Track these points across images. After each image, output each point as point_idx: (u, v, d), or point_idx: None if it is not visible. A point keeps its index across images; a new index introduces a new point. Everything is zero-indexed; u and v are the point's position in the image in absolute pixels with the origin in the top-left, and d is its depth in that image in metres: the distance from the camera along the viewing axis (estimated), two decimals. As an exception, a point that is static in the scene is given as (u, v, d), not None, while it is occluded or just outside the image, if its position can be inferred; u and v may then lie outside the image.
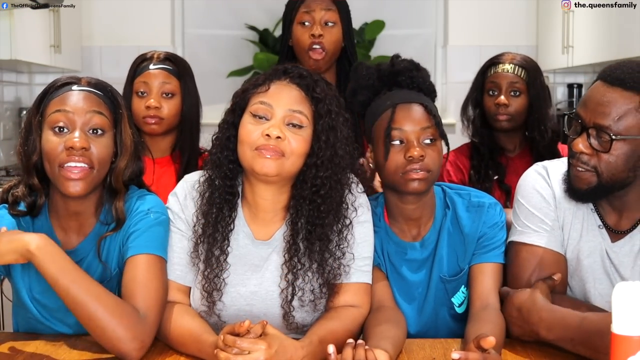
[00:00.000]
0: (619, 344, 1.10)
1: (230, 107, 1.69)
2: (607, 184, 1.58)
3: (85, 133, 1.58)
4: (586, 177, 1.58)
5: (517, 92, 2.54)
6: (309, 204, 1.64)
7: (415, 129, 1.70)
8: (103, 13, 4.67)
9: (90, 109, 1.59)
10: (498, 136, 2.61)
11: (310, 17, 2.41)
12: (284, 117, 1.61)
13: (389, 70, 1.80)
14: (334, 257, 1.65)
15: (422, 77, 1.80)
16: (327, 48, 2.40)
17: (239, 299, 1.66)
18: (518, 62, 2.57)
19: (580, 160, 1.58)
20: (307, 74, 1.67)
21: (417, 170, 1.69)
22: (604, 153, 1.55)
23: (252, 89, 1.66)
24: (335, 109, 1.66)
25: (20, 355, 1.56)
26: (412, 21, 4.92)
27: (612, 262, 1.66)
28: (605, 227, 1.67)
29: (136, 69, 2.33)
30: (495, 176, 2.57)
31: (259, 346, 1.41)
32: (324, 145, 1.63)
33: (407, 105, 1.73)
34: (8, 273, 1.68)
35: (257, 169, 1.59)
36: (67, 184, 1.56)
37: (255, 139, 1.60)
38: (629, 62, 1.59)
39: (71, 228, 1.66)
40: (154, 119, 2.28)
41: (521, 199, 1.75)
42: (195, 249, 1.66)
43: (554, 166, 1.75)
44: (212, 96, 3.19)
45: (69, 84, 1.63)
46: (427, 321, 1.82)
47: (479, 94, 2.61)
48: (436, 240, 1.79)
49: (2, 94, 4.25)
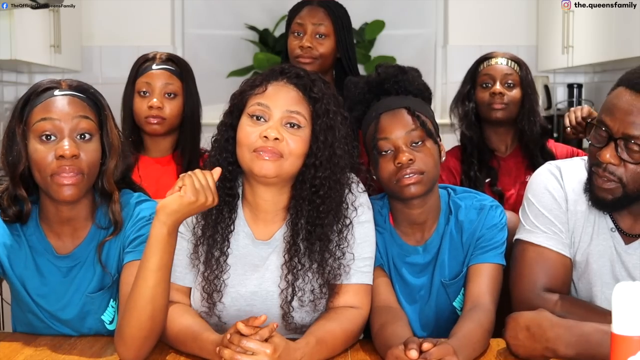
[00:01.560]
0: (619, 344, 1.10)
1: (228, 109, 1.68)
2: (633, 194, 1.55)
3: (73, 140, 1.55)
4: (611, 187, 1.55)
5: (512, 84, 2.57)
6: (309, 204, 1.64)
7: (401, 134, 1.70)
8: (103, 13, 4.67)
9: (76, 114, 1.57)
10: (489, 135, 2.61)
11: (302, 29, 2.48)
12: (282, 118, 1.61)
13: (376, 80, 1.80)
14: (334, 257, 1.64)
15: (408, 79, 1.79)
16: (315, 60, 2.45)
17: (239, 300, 1.66)
18: (510, 56, 2.62)
19: (608, 170, 1.54)
20: (304, 74, 1.66)
21: (409, 175, 1.68)
22: (632, 164, 1.52)
23: (249, 90, 1.65)
24: (333, 108, 1.65)
25: (20, 355, 1.56)
26: (412, 21, 4.92)
27: (624, 266, 1.65)
28: (619, 230, 1.66)
29: (138, 69, 2.34)
30: (487, 179, 2.57)
31: (264, 349, 1.41)
32: (322, 145, 1.63)
33: (390, 112, 1.73)
34: (3, 271, 1.67)
35: (256, 170, 1.59)
36: (59, 190, 1.54)
37: (254, 141, 1.59)
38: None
39: (65, 233, 1.66)
40: (156, 119, 2.29)
41: (532, 197, 1.72)
42: (195, 251, 1.66)
43: (567, 167, 1.72)
44: (212, 96, 3.19)
45: (50, 89, 1.59)
46: (428, 323, 1.82)
47: (472, 89, 2.62)
48: (439, 244, 1.79)
49: (2, 94, 4.25)
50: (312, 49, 2.45)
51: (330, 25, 2.48)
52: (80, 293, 1.66)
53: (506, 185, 2.59)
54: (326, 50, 2.47)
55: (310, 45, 2.45)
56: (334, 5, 2.55)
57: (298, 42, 2.47)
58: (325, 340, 1.55)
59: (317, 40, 2.47)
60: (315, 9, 2.50)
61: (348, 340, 1.62)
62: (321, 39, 2.47)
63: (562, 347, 1.48)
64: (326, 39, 2.47)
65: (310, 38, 2.46)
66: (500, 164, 2.60)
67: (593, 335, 1.46)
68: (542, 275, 1.66)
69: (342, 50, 2.50)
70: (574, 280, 1.71)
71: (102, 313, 1.68)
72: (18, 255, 1.65)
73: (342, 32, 2.50)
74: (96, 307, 1.67)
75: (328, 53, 2.48)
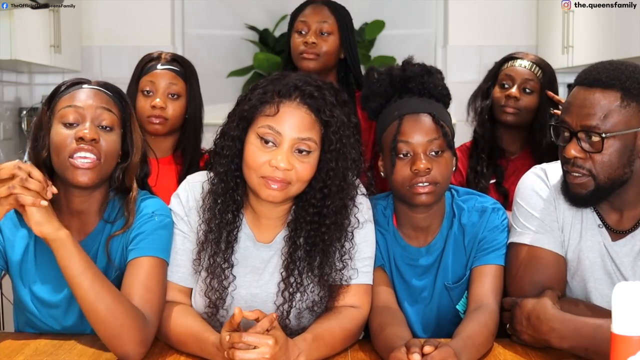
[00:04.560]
0: (619, 344, 1.10)
1: (235, 121, 1.61)
2: (605, 185, 1.58)
3: (95, 126, 1.59)
4: (583, 181, 1.59)
5: (530, 90, 2.50)
6: (310, 226, 1.62)
7: (422, 140, 1.68)
8: (103, 13, 4.67)
9: (99, 106, 1.61)
10: (501, 135, 2.58)
11: (306, 26, 2.48)
12: (292, 145, 1.56)
13: (400, 76, 1.76)
14: (336, 270, 1.64)
15: (433, 82, 1.75)
16: (320, 56, 2.44)
17: (240, 301, 1.66)
18: (536, 61, 2.55)
19: (575, 165, 1.58)
20: (319, 95, 1.59)
21: (423, 184, 1.67)
22: (596, 154, 1.55)
23: (260, 107, 1.59)
24: (346, 132, 1.61)
25: (20, 355, 1.56)
26: (412, 21, 4.92)
27: (613, 262, 1.66)
28: (606, 226, 1.67)
29: (143, 68, 2.34)
30: (493, 179, 2.56)
31: (266, 341, 1.40)
32: (333, 173, 1.59)
33: (414, 116, 1.70)
34: (7, 266, 1.68)
35: (263, 196, 1.58)
36: (76, 173, 1.57)
37: (262, 167, 1.56)
38: (601, 63, 1.61)
39: (73, 226, 1.66)
40: (158, 118, 2.29)
41: (520, 200, 1.75)
42: (197, 256, 1.65)
43: (552, 168, 1.75)
44: (212, 96, 3.20)
45: (80, 83, 1.65)
46: (429, 325, 1.82)
47: (491, 86, 2.57)
48: (442, 247, 1.79)
49: (2, 94, 4.24)
50: (316, 45, 2.44)
51: (335, 23, 2.48)
52: None
53: (512, 185, 2.58)
54: (330, 48, 2.46)
55: (314, 41, 2.44)
56: (337, 5, 2.55)
57: (302, 39, 2.46)
58: (324, 338, 1.55)
59: (321, 38, 2.46)
60: (319, 7, 2.50)
61: (347, 339, 1.62)
62: (325, 36, 2.46)
63: (557, 340, 1.53)
64: (330, 36, 2.47)
65: (314, 35, 2.45)
66: (508, 164, 2.58)
67: (586, 329, 1.49)
68: (537, 274, 1.67)
69: (347, 49, 2.50)
70: (567, 279, 1.72)
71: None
72: (25, 249, 1.66)
73: (345, 31, 2.50)
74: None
75: (332, 51, 2.47)
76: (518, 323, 1.60)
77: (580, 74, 1.63)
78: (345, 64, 2.53)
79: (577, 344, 1.50)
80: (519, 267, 1.70)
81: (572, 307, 1.61)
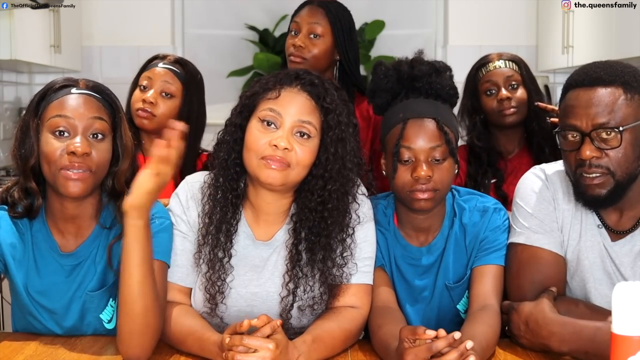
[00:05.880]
0: (619, 344, 1.10)
1: (238, 109, 1.66)
2: (623, 180, 1.58)
3: (86, 138, 1.57)
4: (602, 181, 1.58)
5: (515, 85, 2.53)
6: (314, 214, 1.63)
7: (425, 147, 1.67)
8: (103, 13, 4.67)
9: (91, 115, 1.58)
10: (498, 138, 2.59)
11: (298, 27, 2.47)
12: (293, 126, 1.59)
13: (408, 74, 1.74)
14: (337, 266, 1.64)
15: (441, 82, 1.74)
16: (307, 60, 2.42)
17: (239, 300, 1.66)
18: (507, 57, 2.58)
19: (592, 165, 1.57)
20: (319, 82, 1.63)
21: (423, 190, 1.67)
22: (612, 150, 1.55)
23: (261, 93, 1.63)
24: (345, 119, 1.63)
25: (20, 355, 1.56)
26: (412, 21, 4.92)
27: (613, 262, 1.66)
28: (605, 226, 1.67)
29: (146, 65, 2.40)
30: (493, 180, 2.56)
31: (267, 345, 1.40)
32: (333, 158, 1.61)
33: (418, 120, 1.68)
34: (6, 269, 1.67)
35: (262, 178, 1.59)
36: (67, 184, 1.55)
37: (262, 148, 1.58)
38: (592, 64, 1.62)
39: (68, 231, 1.66)
40: (145, 112, 2.31)
41: (520, 201, 1.75)
42: (198, 250, 1.66)
43: (551, 168, 1.75)
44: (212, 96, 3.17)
45: (67, 86, 1.61)
46: (430, 324, 1.80)
47: (475, 100, 2.57)
48: (443, 247, 1.79)
49: (2, 94, 4.24)
50: (303, 48, 2.42)
51: (328, 26, 2.45)
52: (81, 291, 1.66)
53: (512, 185, 2.58)
54: (319, 51, 2.44)
55: (302, 44, 2.42)
56: (336, 6, 2.52)
57: (292, 41, 2.46)
58: (323, 339, 1.55)
59: (311, 41, 2.44)
60: (315, 8, 2.49)
61: (347, 339, 1.62)
62: (315, 39, 2.44)
63: (556, 344, 1.52)
64: (320, 39, 2.44)
65: (303, 37, 2.44)
66: (507, 165, 2.58)
67: (586, 332, 1.49)
68: (537, 274, 1.67)
69: (342, 52, 2.47)
70: (567, 279, 1.72)
71: (100, 312, 1.68)
72: (22, 253, 1.65)
73: (340, 34, 2.47)
74: (95, 305, 1.67)
75: (321, 54, 2.44)
76: (516, 328, 1.60)
77: (573, 77, 1.62)
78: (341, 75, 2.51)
79: (577, 347, 1.50)
80: (519, 267, 1.70)
81: (572, 307, 1.61)
